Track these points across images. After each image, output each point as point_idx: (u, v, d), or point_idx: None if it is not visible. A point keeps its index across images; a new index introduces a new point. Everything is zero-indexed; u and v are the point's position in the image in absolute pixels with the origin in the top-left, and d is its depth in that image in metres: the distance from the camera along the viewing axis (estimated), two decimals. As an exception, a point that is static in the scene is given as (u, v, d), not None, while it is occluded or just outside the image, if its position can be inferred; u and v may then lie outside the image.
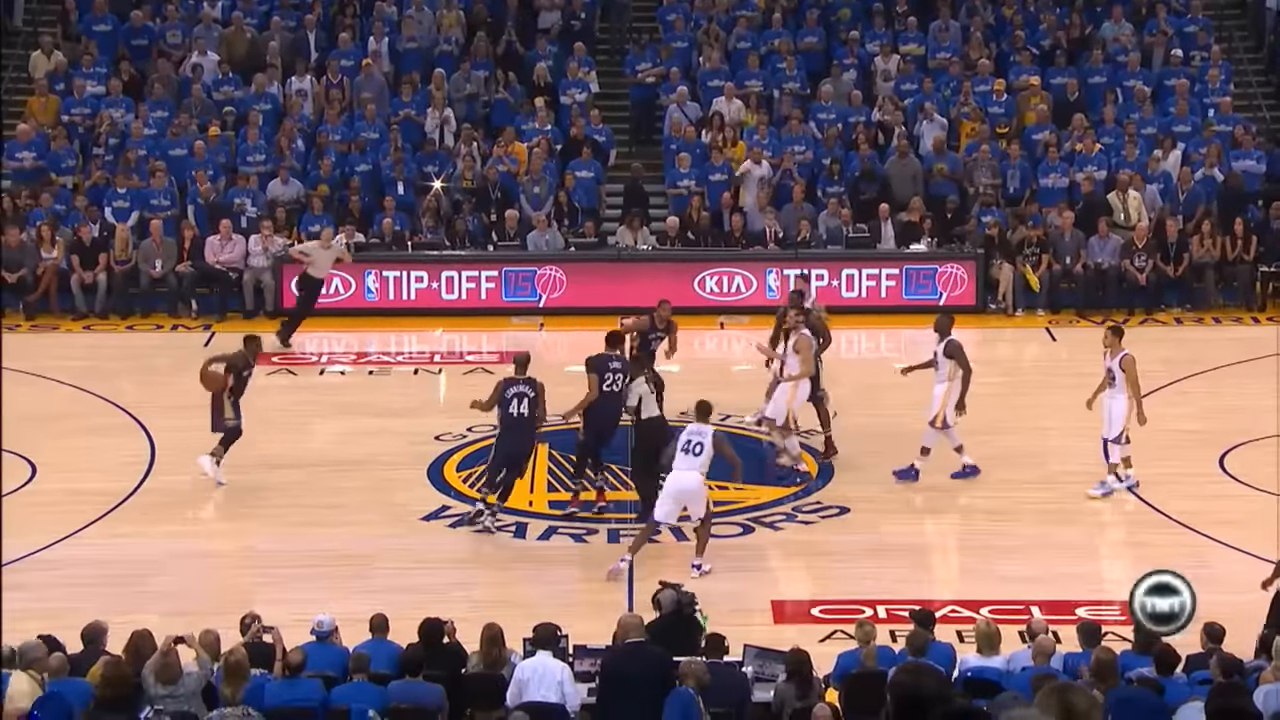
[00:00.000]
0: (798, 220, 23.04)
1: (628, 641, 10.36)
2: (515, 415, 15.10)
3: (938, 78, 24.94)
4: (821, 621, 13.49)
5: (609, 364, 15.39)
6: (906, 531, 15.37)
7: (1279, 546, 14.71)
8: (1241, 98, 24.47)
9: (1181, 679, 10.52)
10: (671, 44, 25.91)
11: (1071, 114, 23.99)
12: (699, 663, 10.31)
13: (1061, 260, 22.23)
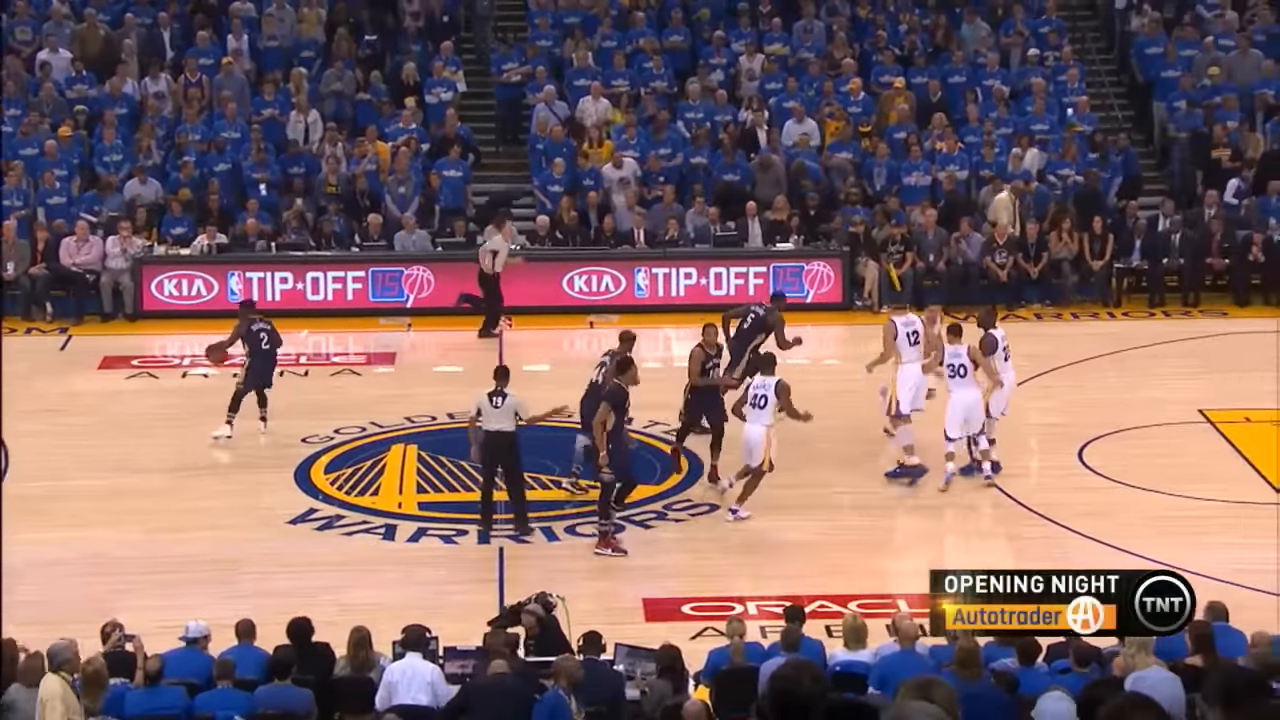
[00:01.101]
0: (666, 219, 23.18)
1: (490, 675, 10.25)
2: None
3: (801, 77, 25.22)
4: (692, 619, 13.60)
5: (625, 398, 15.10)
6: (776, 528, 15.53)
7: (1131, 537, 15.15)
8: (1095, 97, 25.05)
9: (1042, 668, 10.78)
10: (538, 43, 25.91)
11: (933, 113, 24.41)
12: (572, 661, 10.35)
13: (925, 257, 22.61)
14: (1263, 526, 15.32)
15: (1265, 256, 21.99)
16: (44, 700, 9.60)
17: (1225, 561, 14.59)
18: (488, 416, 15.10)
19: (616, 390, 14.94)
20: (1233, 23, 25.23)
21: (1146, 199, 23.41)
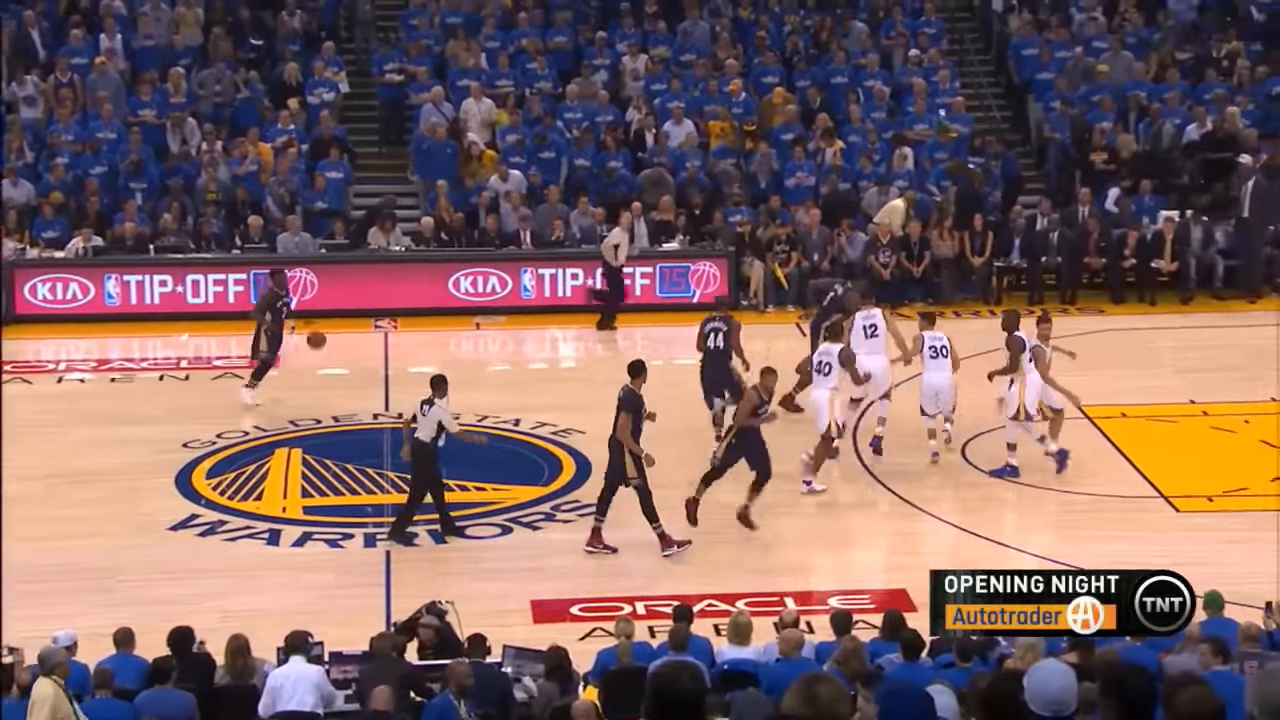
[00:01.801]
0: (551, 220, 23.13)
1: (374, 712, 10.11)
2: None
3: (685, 78, 25.28)
4: (581, 620, 13.58)
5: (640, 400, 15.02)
6: (665, 527, 15.51)
7: (1015, 532, 15.37)
8: (974, 98, 25.37)
9: (927, 663, 10.90)
10: (421, 42, 25.72)
11: (817, 114, 24.58)
12: (463, 665, 10.28)
13: (809, 257, 22.77)
14: (1140, 520, 15.63)
15: (1138, 255, 22.41)
16: (34, 703, 9.63)
17: (1106, 555, 14.83)
18: (418, 423, 14.95)
19: (633, 395, 14.92)
20: (1104, 25, 25.70)
21: (1025, 198, 23.77)
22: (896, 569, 14.67)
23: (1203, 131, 23.69)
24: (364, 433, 18.01)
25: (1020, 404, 16.09)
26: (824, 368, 16.20)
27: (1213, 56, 25.05)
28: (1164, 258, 22.20)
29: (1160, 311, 21.86)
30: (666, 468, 16.67)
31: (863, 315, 17.15)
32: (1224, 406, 17.96)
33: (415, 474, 15.04)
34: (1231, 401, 18.01)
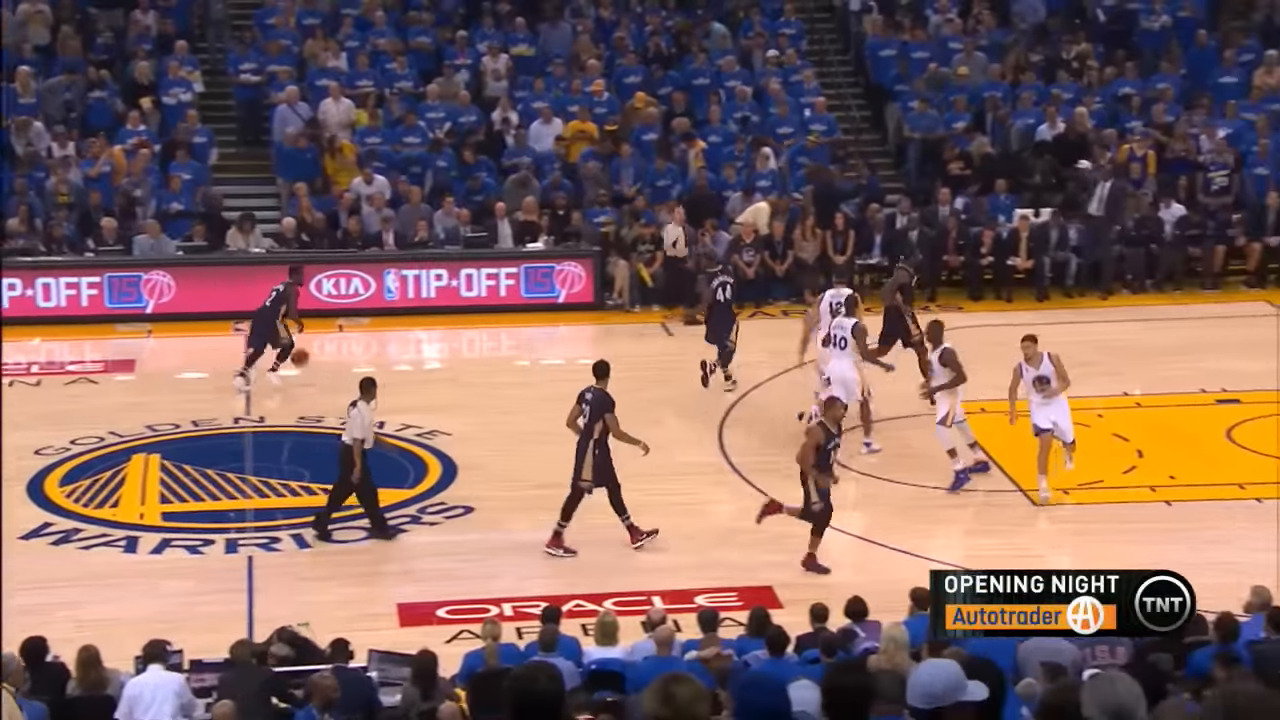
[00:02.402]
0: (415, 221, 22.94)
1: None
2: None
3: (547, 78, 25.23)
4: (448, 622, 13.50)
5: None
6: (531, 529, 15.49)
7: (880, 528, 15.55)
8: (834, 98, 25.63)
9: (792, 658, 10.98)
10: (279, 42, 25.36)
11: (679, 114, 24.65)
12: (328, 679, 10.14)
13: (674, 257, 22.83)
14: (1000, 515, 15.90)
15: (995, 253, 22.79)
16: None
17: (968, 549, 15.11)
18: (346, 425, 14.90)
19: (607, 397, 14.90)
20: (958, 26, 26.10)
21: (886, 196, 24.04)
22: (763, 567, 14.76)
23: (1054, 133, 24.16)
24: (225, 437, 17.72)
25: (950, 411, 16.04)
26: (840, 342, 16.63)
27: (1063, 58, 25.58)
28: (1019, 256, 22.62)
29: (1017, 308, 22.26)
30: (537, 469, 16.66)
31: (832, 293, 17.54)
32: (1079, 401, 18.25)
33: (340, 475, 14.83)
34: (1086, 396, 18.37)
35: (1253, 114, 24.27)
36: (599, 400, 14.89)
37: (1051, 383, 15.63)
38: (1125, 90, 24.93)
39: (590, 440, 14.80)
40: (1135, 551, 14.96)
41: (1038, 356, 15.71)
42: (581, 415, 14.96)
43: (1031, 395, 15.70)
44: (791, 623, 11.82)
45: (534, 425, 18.10)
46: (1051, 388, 15.63)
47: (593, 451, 14.78)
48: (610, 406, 14.87)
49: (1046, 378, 15.63)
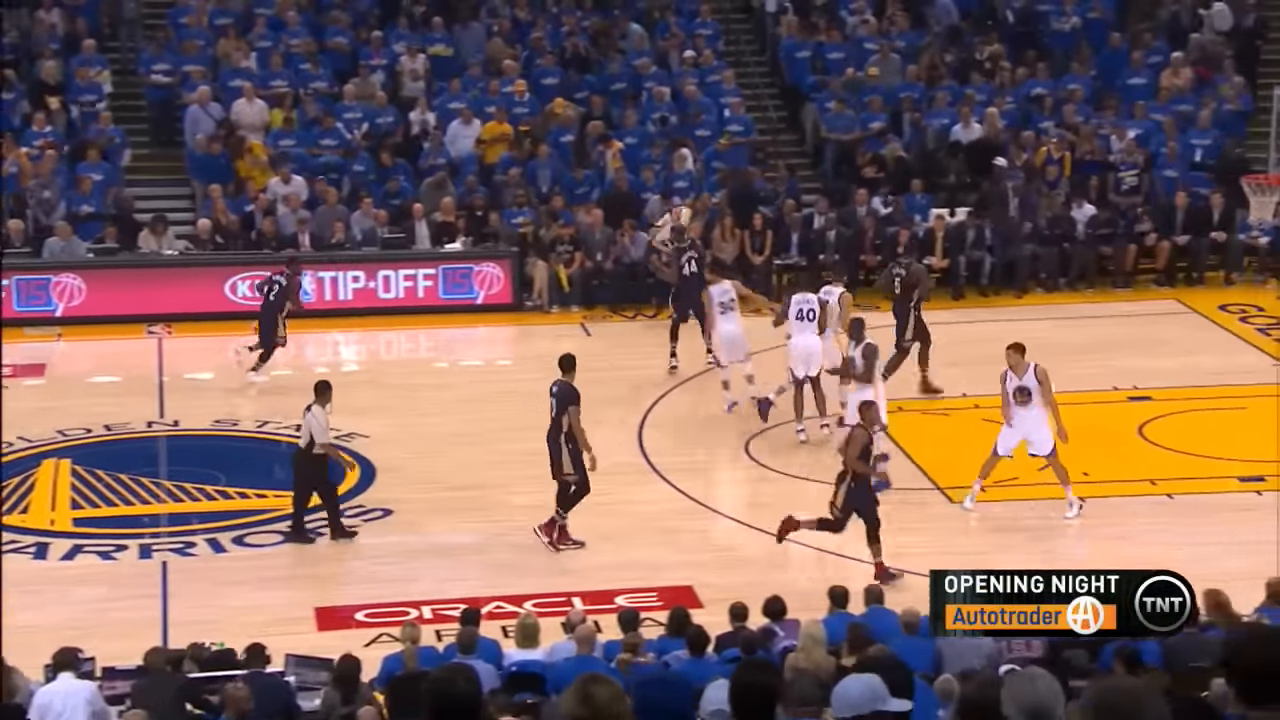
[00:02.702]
0: (331, 222, 22.75)
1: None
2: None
3: (464, 79, 25.11)
4: (366, 626, 13.40)
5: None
6: (450, 531, 15.43)
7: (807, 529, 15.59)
8: (751, 98, 25.71)
9: (712, 658, 11.00)
10: (192, 41, 25.06)
11: (597, 116, 24.60)
12: (241, 690, 10.03)
13: (593, 257, 22.82)
14: (917, 512, 16.00)
15: (911, 253, 22.90)
16: None
17: (885, 546, 15.18)
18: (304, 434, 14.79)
19: (571, 390, 14.82)
20: (874, 27, 26.27)
21: (803, 197, 24.13)
22: (684, 566, 14.77)
23: (969, 133, 24.35)
24: (137, 441, 17.49)
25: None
26: (807, 314, 17.00)
27: (976, 59, 25.81)
28: (935, 255, 22.80)
29: (932, 307, 22.36)
30: (456, 471, 16.59)
31: (823, 290, 17.73)
32: (994, 399, 18.46)
33: (296, 478, 14.73)
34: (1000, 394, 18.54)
35: (1161, 114, 24.62)
36: (563, 393, 14.90)
37: (1033, 396, 15.40)
38: (1037, 91, 25.20)
39: (560, 433, 14.76)
40: (1051, 547, 15.12)
41: (1022, 366, 15.49)
42: (550, 410, 14.96)
43: (1014, 408, 15.52)
44: (711, 622, 11.84)
45: (453, 427, 18.02)
46: (1034, 402, 15.36)
47: (566, 445, 14.75)
48: (574, 400, 14.85)
49: (1028, 389, 15.43)
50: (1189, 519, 15.58)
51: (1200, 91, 25.00)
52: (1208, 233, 22.99)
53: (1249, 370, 19.47)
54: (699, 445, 18.07)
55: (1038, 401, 15.37)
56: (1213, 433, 17.37)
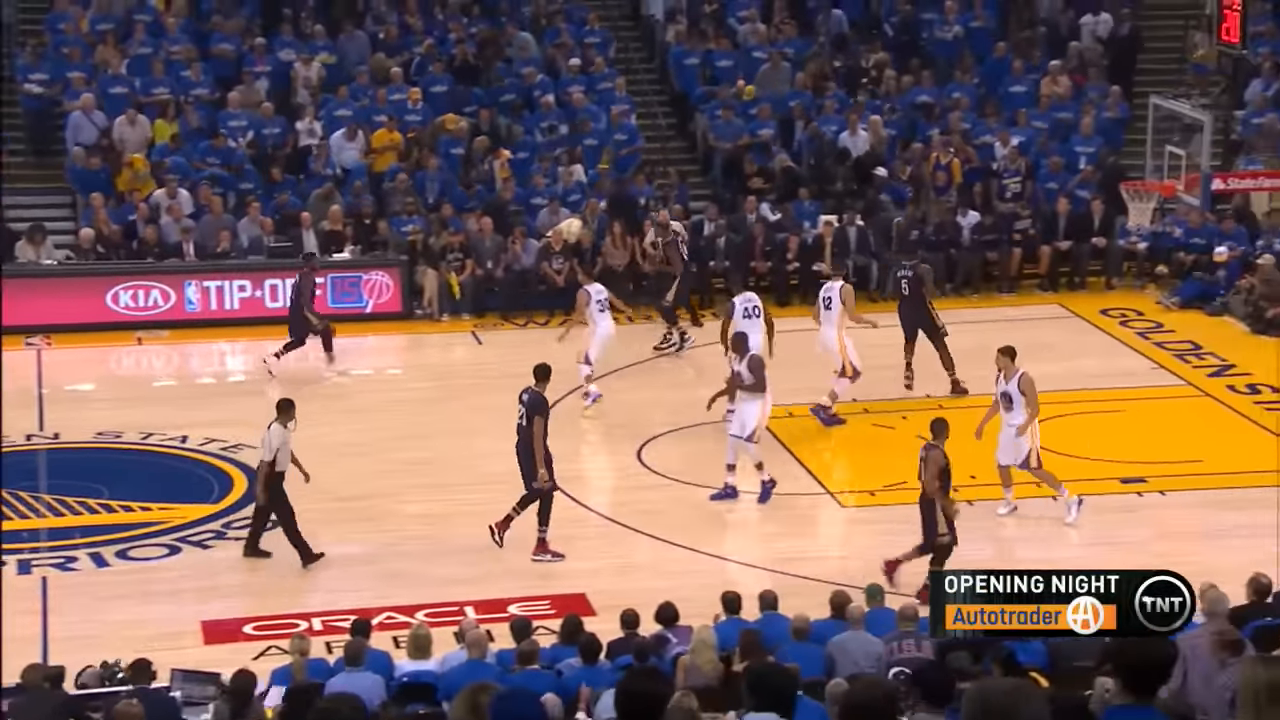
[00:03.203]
0: (217, 231, 22.44)
1: None
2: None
3: (352, 86, 24.88)
4: (255, 638, 13.22)
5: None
6: (342, 541, 15.26)
7: (690, 533, 15.64)
8: (641, 106, 25.73)
9: (605, 665, 10.99)
10: (71, 48, 24.58)
11: (485, 128, 24.44)
12: (134, 707, 9.82)
13: (483, 264, 22.71)
14: (808, 517, 16.10)
15: (800, 259, 23.09)
16: None
17: (774, 552, 15.27)
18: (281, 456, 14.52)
19: (540, 400, 14.78)
20: (763, 35, 26.42)
21: (693, 204, 24.20)
22: (576, 574, 14.74)
23: (858, 143, 24.55)
24: (16, 455, 17.10)
25: (757, 426, 16.00)
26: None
27: (862, 66, 26.06)
28: (824, 262, 22.96)
29: (822, 314, 22.57)
30: (346, 481, 16.43)
31: (825, 286, 18.29)
32: (883, 404, 18.68)
33: (259, 494, 14.50)
34: (890, 399, 18.74)
35: (1041, 122, 25.01)
36: (532, 402, 14.91)
37: (1014, 402, 15.46)
38: (923, 99, 25.49)
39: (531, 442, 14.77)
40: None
41: (1011, 370, 15.55)
42: (519, 418, 14.94)
43: (1000, 412, 15.60)
44: (604, 630, 11.83)
45: (342, 437, 17.85)
46: (1015, 409, 15.44)
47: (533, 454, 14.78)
48: (541, 410, 14.85)
49: (1009, 395, 15.48)
50: (1076, 521, 15.80)
51: (1080, 99, 25.45)
52: (1089, 238, 23.40)
53: (1129, 373, 19.85)
54: (592, 453, 18.06)
55: (1020, 409, 15.42)
56: (1094, 435, 17.66)
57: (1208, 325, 21.58)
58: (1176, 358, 20.35)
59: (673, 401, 18.82)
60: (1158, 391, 18.59)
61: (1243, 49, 21.31)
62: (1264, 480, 16.54)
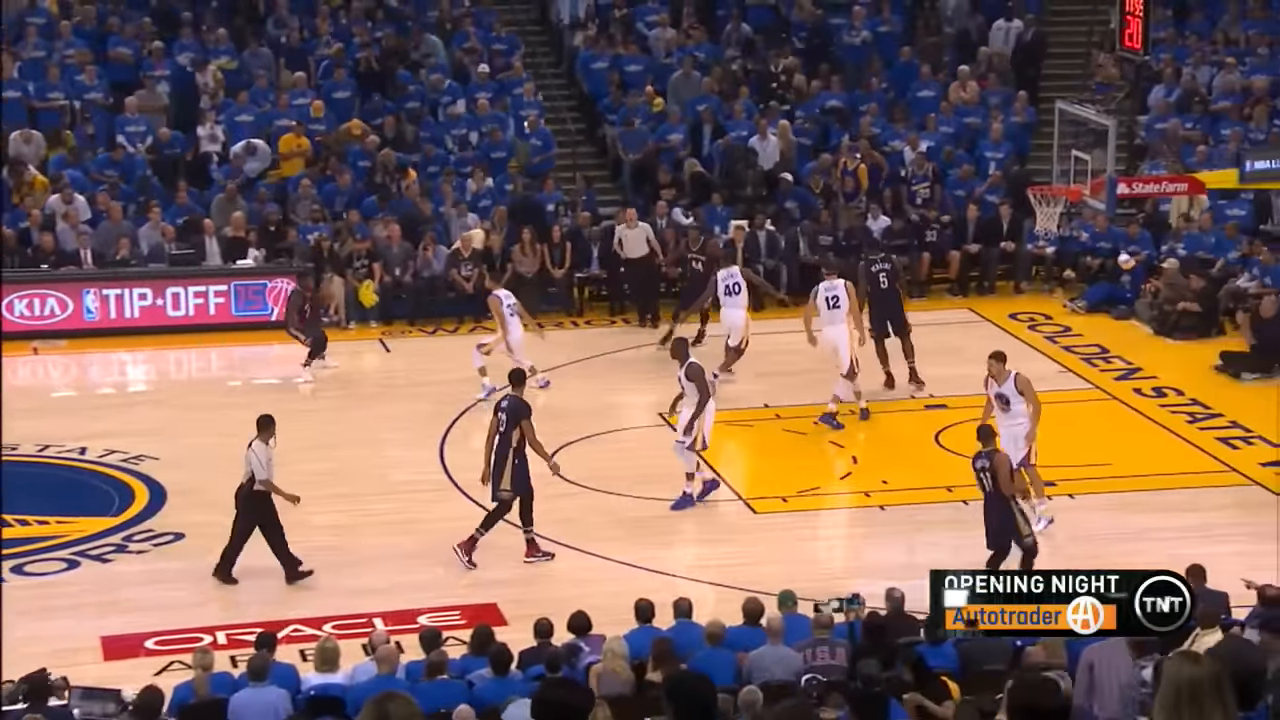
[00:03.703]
0: (116, 238, 22.07)
1: None
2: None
3: (254, 92, 24.58)
4: (157, 654, 13.01)
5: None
6: (246, 552, 14.99)
7: (600, 539, 15.58)
8: (550, 111, 25.65)
9: (517, 676, 10.91)
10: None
11: (391, 136, 24.22)
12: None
13: (391, 271, 22.52)
14: (720, 523, 16.09)
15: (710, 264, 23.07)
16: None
17: (688, 559, 15.25)
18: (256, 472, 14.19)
19: (523, 404, 14.78)
20: (673, 41, 26.43)
21: (603, 209, 24.15)
22: (487, 584, 14.64)
23: (768, 148, 24.62)
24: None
25: (699, 433, 15.85)
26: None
27: (772, 71, 26.15)
28: (736, 266, 22.96)
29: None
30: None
31: (826, 286, 18.19)
32: (795, 409, 18.73)
33: (238, 514, 14.16)
34: (801, 404, 18.80)
35: (949, 127, 25.23)
36: (514, 407, 14.82)
37: (1011, 403, 15.45)
38: (832, 103, 25.63)
39: (510, 449, 14.68)
40: (855, 556, 15.33)
41: (1003, 374, 15.54)
42: (499, 425, 14.78)
43: (996, 413, 15.57)
44: (516, 639, 11.74)
45: (233, 448, 17.59)
46: (1013, 409, 15.43)
47: (512, 461, 14.67)
48: (526, 413, 14.82)
49: (1006, 397, 15.49)
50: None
51: (987, 104, 25.69)
52: (998, 243, 23.62)
53: (1037, 377, 19.75)
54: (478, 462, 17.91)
55: (1018, 410, 15.45)
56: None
57: (1115, 329, 21.86)
58: (1084, 361, 20.59)
59: (587, 409, 18.76)
60: (1065, 395, 18.77)
61: (1145, 55, 21.59)
62: (1172, 483, 16.80)
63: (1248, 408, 18.67)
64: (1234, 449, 17.65)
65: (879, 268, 19.44)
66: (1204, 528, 15.65)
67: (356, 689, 10.73)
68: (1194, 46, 26.36)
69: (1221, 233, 22.86)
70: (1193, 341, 21.18)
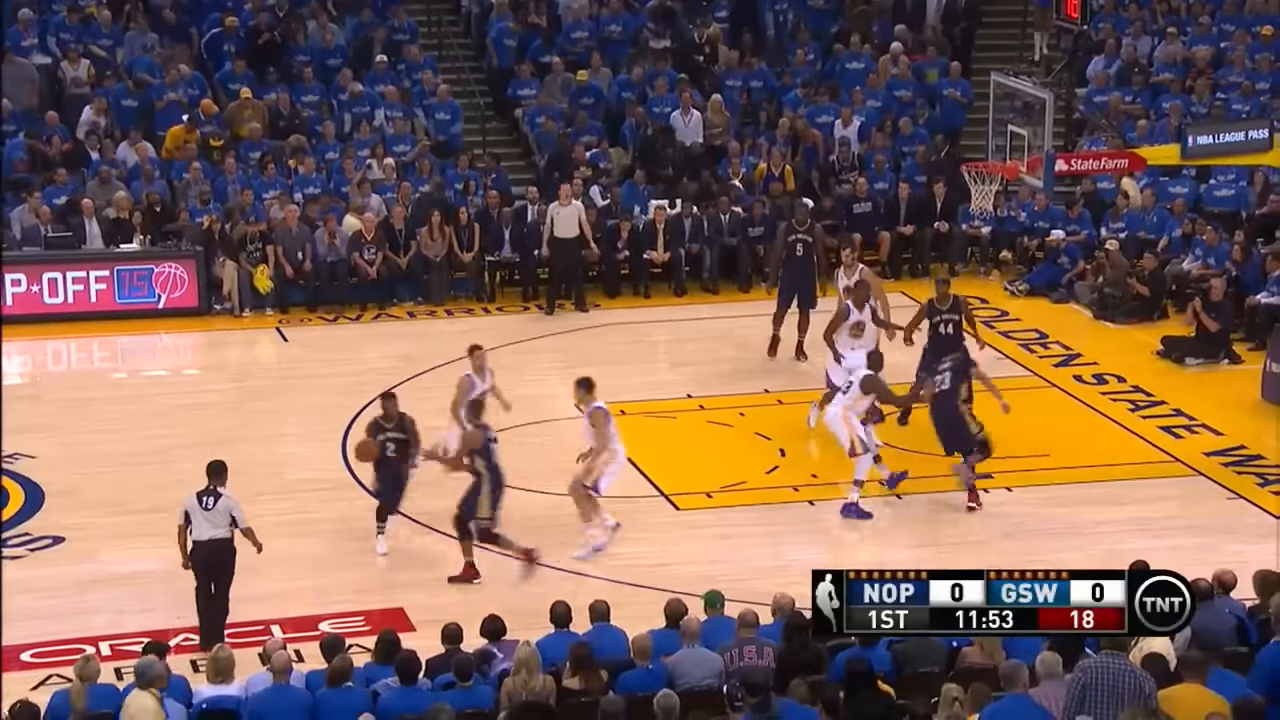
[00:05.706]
0: (-13, 221, 21.71)
1: None
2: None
3: (148, 87, 24.21)
4: (34, 666, 12.82)
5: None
6: (130, 559, 14.86)
7: (528, 538, 15.49)
8: (458, 84, 25.45)
9: (425, 684, 10.84)
10: None
11: (293, 129, 23.97)
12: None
13: (290, 256, 22.27)
14: (641, 520, 16.01)
15: (631, 246, 23.04)
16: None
17: (606, 559, 15.18)
18: (197, 522, 13.37)
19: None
20: (583, 11, 26.22)
21: (515, 189, 24.03)
22: (394, 587, 14.53)
23: (691, 123, 24.58)
24: None
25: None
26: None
27: (695, 42, 26.12)
28: (656, 249, 22.97)
29: (655, 304, 22.60)
30: (138, 493, 16.03)
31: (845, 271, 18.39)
32: (720, 400, 18.73)
33: (217, 579, 13.46)
34: (726, 395, 18.81)
35: (878, 100, 25.30)
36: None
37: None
38: (755, 84, 25.63)
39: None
40: (782, 553, 15.34)
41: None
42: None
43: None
44: (424, 646, 11.65)
45: (134, 445, 17.40)
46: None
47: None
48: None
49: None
50: (919, 521, 16.00)
51: (920, 78, 25.79)
52: (930, 224, 23.73)
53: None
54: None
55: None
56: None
57: (1053, 313, 22.04)
58: (1022, 347, 20.74)
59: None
60: (1003, 383, 18.77)
61: (1083, 25, 21.73)
62: (1113, 474, 16.94)
63: (1191, 395, 18.89)
64: (1177, 438, 17.84)
65: (797, 237, 19.50)
66: (1142, 520, 15.81)
67: (252, 701, 10.60)
68: (1134, 16, 26.60)
69: (1163, 211, 23.08)
70: (1134, 326, 21.40)
